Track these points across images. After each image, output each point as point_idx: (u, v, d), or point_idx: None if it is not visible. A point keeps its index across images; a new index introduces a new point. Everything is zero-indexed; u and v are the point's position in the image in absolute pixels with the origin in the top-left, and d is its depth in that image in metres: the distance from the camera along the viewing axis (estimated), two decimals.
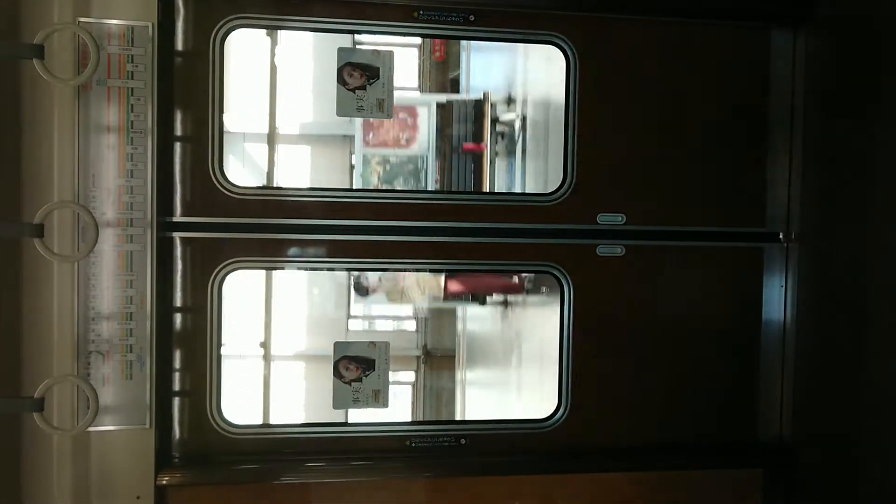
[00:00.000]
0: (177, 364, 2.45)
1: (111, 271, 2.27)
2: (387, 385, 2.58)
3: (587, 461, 2.59)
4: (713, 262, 2.69)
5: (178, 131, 2.42)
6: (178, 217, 2.43)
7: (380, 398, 2.57)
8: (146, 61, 2.26)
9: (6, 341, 2.23)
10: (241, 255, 2.47)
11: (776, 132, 2.67)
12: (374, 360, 2.57)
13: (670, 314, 2.67)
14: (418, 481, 2.51)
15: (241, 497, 2.43)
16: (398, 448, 2.54)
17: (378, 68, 2.53)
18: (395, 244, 2.54)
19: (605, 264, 2.62)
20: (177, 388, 2.45)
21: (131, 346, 2.29)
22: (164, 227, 2.38)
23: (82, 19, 2.22)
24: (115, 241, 2.27)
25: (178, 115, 2.42)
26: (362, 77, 2.53)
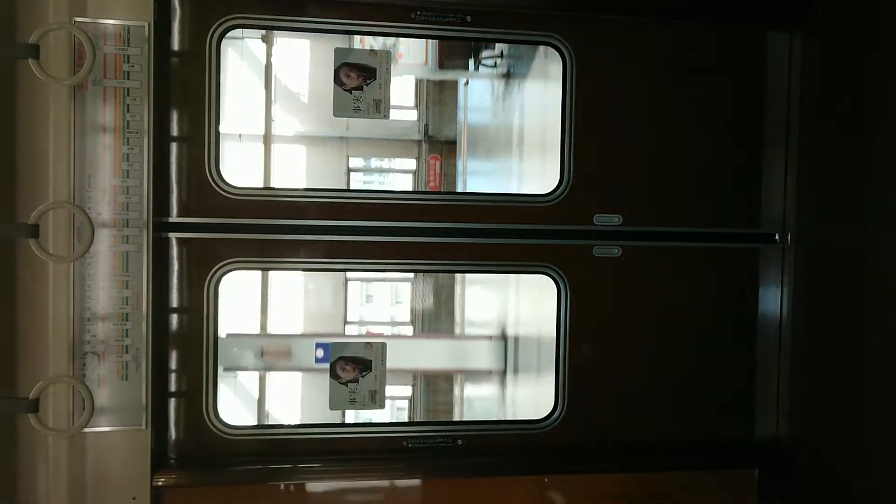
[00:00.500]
0: (173, 365, 2.45)
1: (107, 272, 2.26)
2: (384, 386, 2.58)
3: (584, 461, 2.59)
4: (709, 263, 2.69)
5: (174, 131, 2.42)
6: (174, 217, 2.42)
7: (377, 399, 2.57)
8: (142, 61, 2.25)
9: (1, 342, 2.22)
10: (238, 255, 2.46)
11: (772, 133, 2.68)
12: (371, 360, 2.57)
13: (666, 315, 2.67)
14: (415, 482, 2.51)
15: (238, 498, 2.43)
16: (395, 449, 2.54)
17: (375, 69, 2.53)
18: (392, 245, 2.54)
19: (602, 265, 2.62)
20: (173, 388, 2.45)
21: (127, 346, 2.28)
22: (160, 227, 2.37)
23: (78, 19, 2.21)
24: (110, 242, 2.26)
25: (174, 116, 2.42)
26: (359, 77, 2.53)
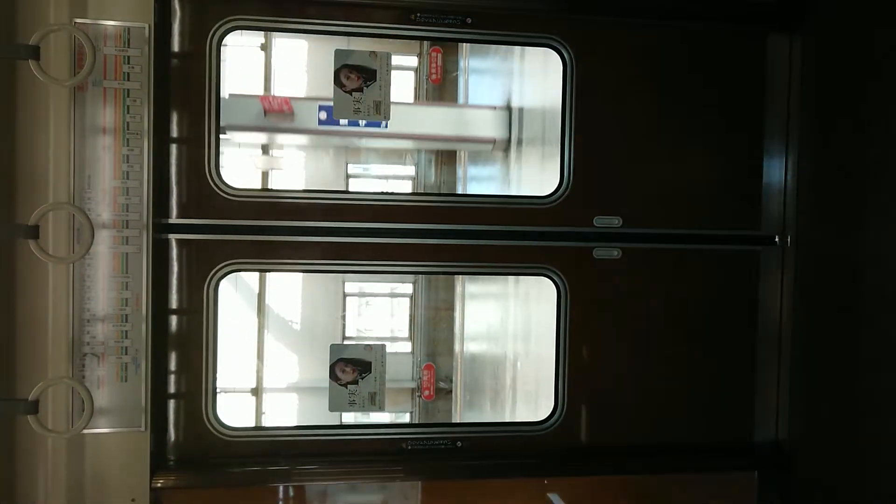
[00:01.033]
0: (172, 366, 2.44)
1: (106, 273, 2.26)
2: (383, 388, 2.58)
3: (583, 464, 2.59)
4: (709, 265, 2.69)
5: (174, 133, 2.42)
6: (173, 219, 2.42)
7: (376, 401, 2.57)
8: (142, 62, 2.25)
9: (0, 343, 2.22)
10: (237, 257, 2.46)
11: (772, 135, 2.68)
12: (371, 362, 2.57)
13: (666, 317, 2.67)
14: (414, 484, 2.51)
15: (237, 500, 2.42)
16: (394, 451, 2.54)
17: (375, 70, 2.53)
18: (391, 247, 2.54)
19: (602, 267, 2.62)
20: (172, 390, 2.44)
21: (126, 348, 2.28)
22: (160, 228, 2.37)
23: (78, 20, 2.21)
24: (110, 243, 2.26)
25: (174, 117, 2.42)
26: (359, 79, 2.53)
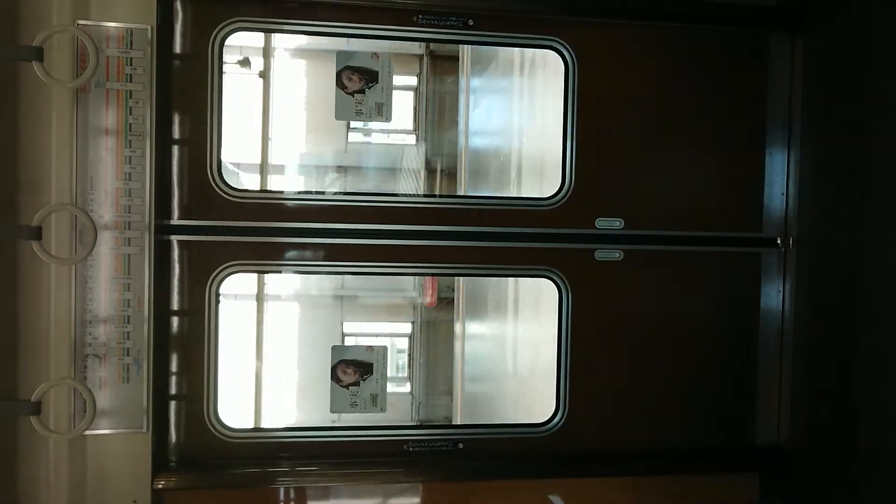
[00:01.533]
0: (174, 367, 2.45)
1: (108, 274, 2.26)
2: (384, 389, 2.58)
3: (584, 465, 2.59)
4: (711, 267, 2.69)
5: (176, 134, 2.42)
6: (175, 220, 2.42)
7: (378, 402, 2.57)
8: (145, 64, 2.25)
9: (3, 344, 2.22)
10: (239, 258, 2.46)
11: (774, 137, 2.68)
12: (372, 364, 2.57)
13: (668, 319, 2.68)
14: (416, 485, 2.51)
15: (238, 501, 2.42)
16: (396, 452, 2.54)
17: (377, 72, 2.53)
18: (393, 248, 2.54)
19: (604, 269, 2.62)
20: (174, 391, 2.45)
21: (128, 349, 2.28)
22: (162, 230, 2.37)
23: (81, 22, 2.21)
24: (112, 244, 2.26)
25: (176, 118, 2.42)
26: (361, 81, 2.53)
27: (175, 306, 2.44)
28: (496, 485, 2.54)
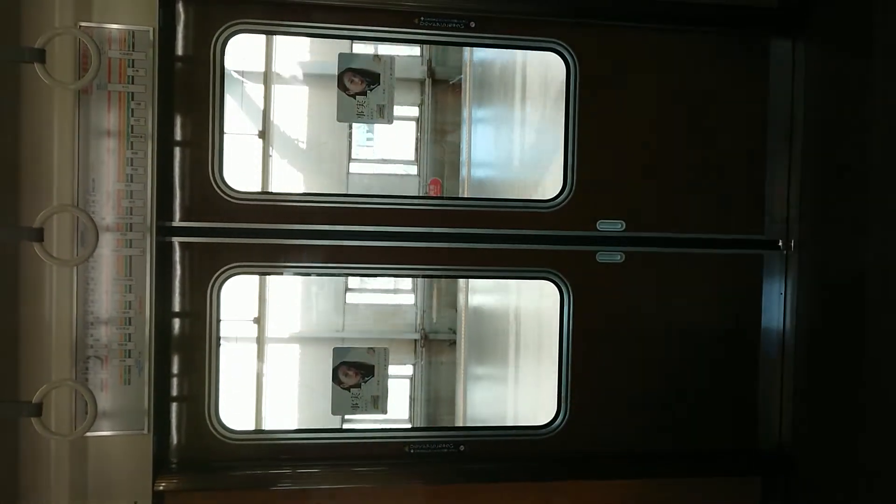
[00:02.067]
0: (175, 369, 2.44)
1: (110, 276, 2.27)
2: (386, 391, 2.58)
3: (586, 468, 2.58)
4: (712, 270, 2.69)
5: (178, 136, 2.42)
6: (177, 222, 2.43)
7: (379, 404, 2.57)
8: (147, 66, 2.26)
9: (4, 345, 2.22)
10: (240, 260, 2.47)
11: (775, 139, 2.68)
12: (374, 365, 2.57)
13: (669, 321, 2.67)
14: (417, 488, 2.50)
15: (239, 503, 2.42)
16: (397, 454, 2.53)
17: (378, 74, 2.53)
18: (395, 250, 2.54)
19: (605, 271, 2.62)
20: (175, 393, 2.44)
21: (130, 351, 2.28)
22: (164, 231, 2.37)
23: (83, 23, 2.22)
24: (114, 246, 2.27)
25: (178, 120, 2.42)
26: (362, 83, 2.53)
27: (176, 308, 2.44)
28: (497, 487, 2.54)
